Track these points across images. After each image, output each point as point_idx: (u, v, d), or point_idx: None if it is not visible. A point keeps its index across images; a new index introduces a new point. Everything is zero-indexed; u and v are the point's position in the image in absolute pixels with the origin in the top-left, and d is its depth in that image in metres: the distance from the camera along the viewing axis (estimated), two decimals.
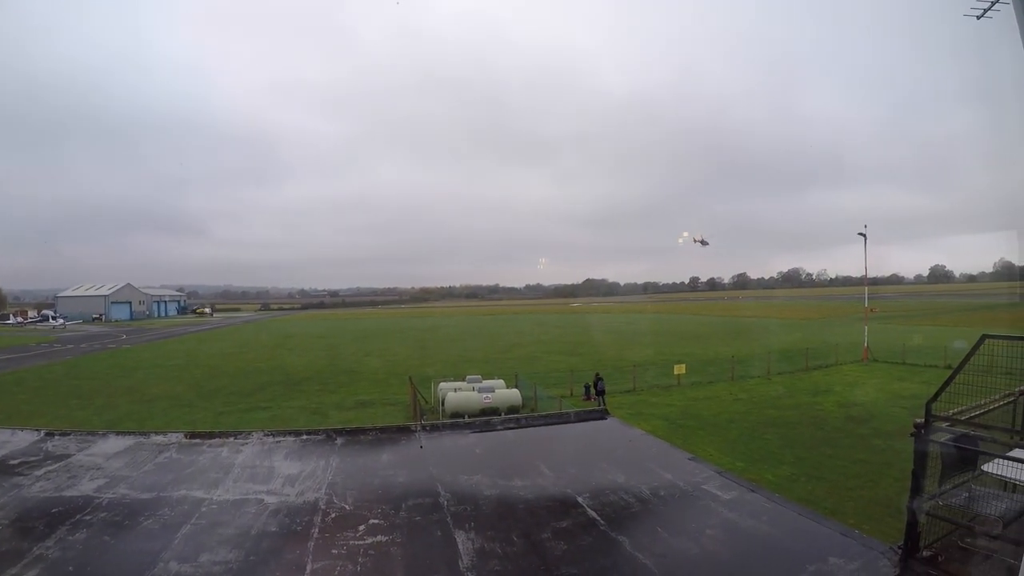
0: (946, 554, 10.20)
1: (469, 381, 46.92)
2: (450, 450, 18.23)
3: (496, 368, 61.22)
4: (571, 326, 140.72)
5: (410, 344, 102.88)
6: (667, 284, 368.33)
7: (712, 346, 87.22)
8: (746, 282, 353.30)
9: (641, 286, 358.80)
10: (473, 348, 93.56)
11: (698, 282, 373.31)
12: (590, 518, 12.77)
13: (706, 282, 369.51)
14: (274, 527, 12.20)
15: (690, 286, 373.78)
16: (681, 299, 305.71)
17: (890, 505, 22.67)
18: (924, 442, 10.45)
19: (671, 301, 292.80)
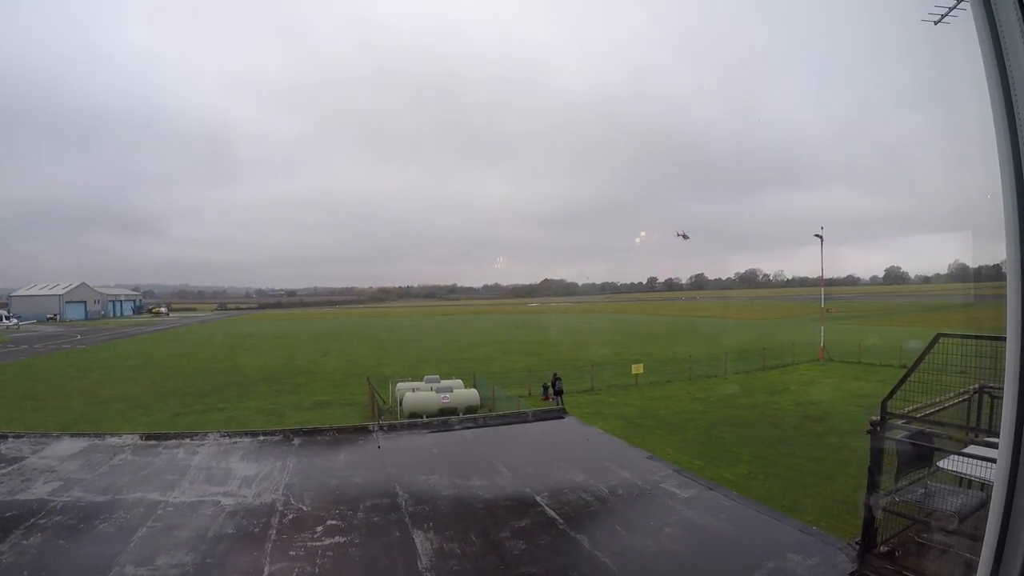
0: (903, 549, 10.27)
1: (427, 381, 46.74)
2: (408, 450, 18.15)
3: (454, 368, 61.09)
4: (529, 326, 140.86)
5: (368, 344, 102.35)
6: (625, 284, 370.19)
7: (669, 346, 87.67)
8: (704, 283, 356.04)
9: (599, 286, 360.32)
10: (431, 348, 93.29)
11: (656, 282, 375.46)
12: (549, 517, 12.74)
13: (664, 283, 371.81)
14: (231, 529, 12.05)
15: (648, 286, 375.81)
16: (639, 299, 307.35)
17: (847, 502, 22.85)
18: (880, 439, 10.51)
19: (629, 301, 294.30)
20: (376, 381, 48.45)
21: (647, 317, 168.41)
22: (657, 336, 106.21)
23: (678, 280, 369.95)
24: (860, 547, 10.47)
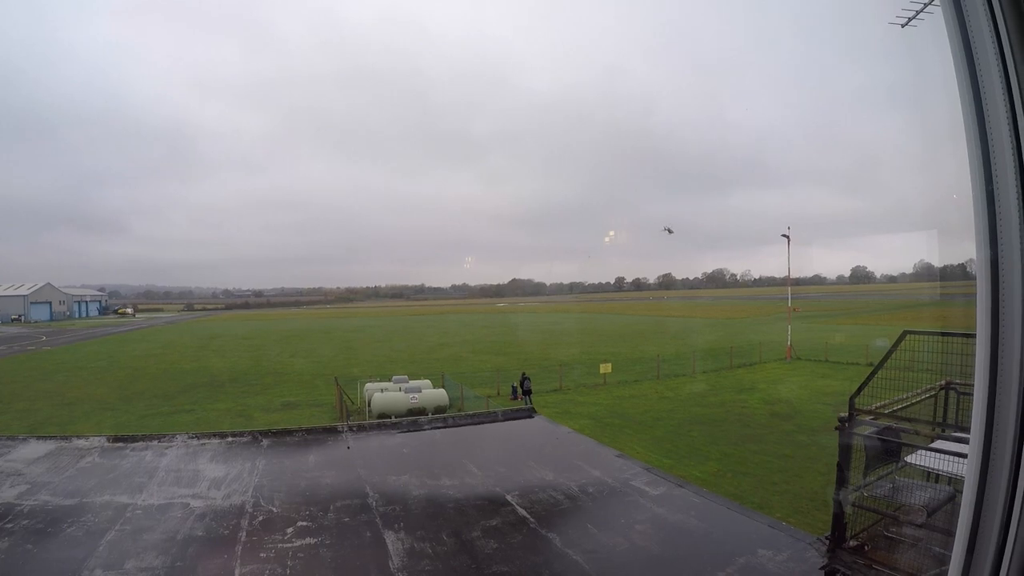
0: (872, 543, 10.38)
1: (395, 381, 46.66)
2: (378, 450, 18.11)
3: (422, 368, 61.09)
4: (497, 326, 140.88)
5: (336, 345, 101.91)
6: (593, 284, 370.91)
7: (638, 345, 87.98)
8: (671, 282, 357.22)
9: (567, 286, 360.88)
10: (399, 348, 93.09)
11: (624, 282, 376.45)
12: (520, 516, 12.76)
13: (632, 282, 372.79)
14: (201, 531, 11.94)
15: (616, 286, 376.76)
16: (607, 299, 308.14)
17: (816, 498, 23.11)
18: (848, 435, 10.62)
19: (597, 301, 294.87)
20: (344, 382, 48.37)
21: (615, 316, 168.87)
22: (625, 335, 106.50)
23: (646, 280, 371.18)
24: (830, 542, 10.57)
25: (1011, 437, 2.05)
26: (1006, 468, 2.07)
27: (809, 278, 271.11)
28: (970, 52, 2.21)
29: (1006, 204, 2.11)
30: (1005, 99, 2.11)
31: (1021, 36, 2.11)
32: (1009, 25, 2.11)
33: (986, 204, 2.17)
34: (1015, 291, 2.05)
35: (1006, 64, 2.11)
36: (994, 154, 2.16)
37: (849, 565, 10.22)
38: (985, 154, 2.17)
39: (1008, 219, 2.10)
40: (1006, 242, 2.07)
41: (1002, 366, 2.09)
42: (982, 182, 2.19)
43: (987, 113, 2.17)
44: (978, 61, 2.18)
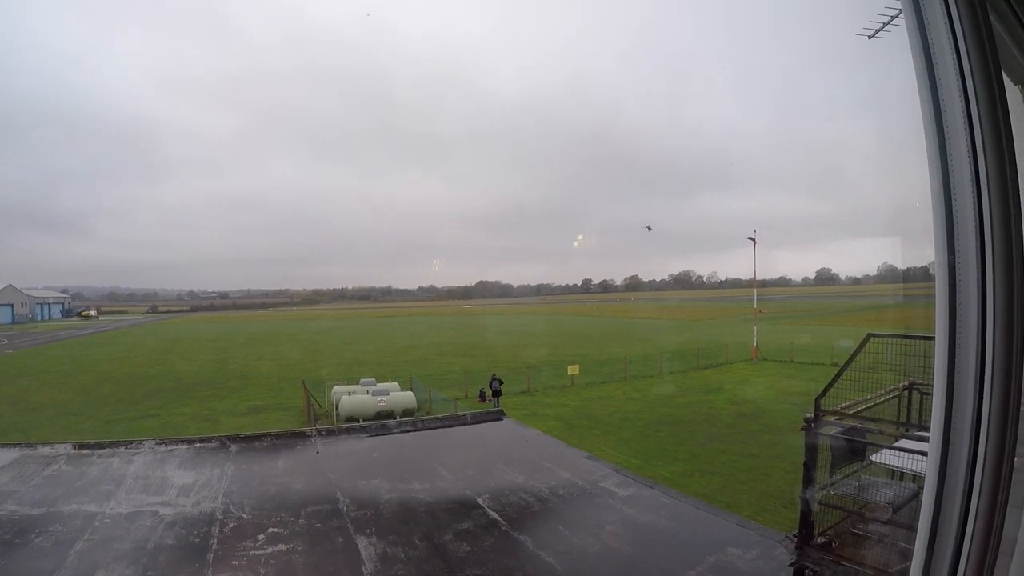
0: (840, 540, 10.55)
1: (363, 384, 46.38)
2: (347, 455, 18.09)
3: (390, 371, 60.72)
4: (465, 328, 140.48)
5: (302, 347, 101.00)
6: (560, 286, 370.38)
7: (605, 347, 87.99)
8: (638, 284, 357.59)
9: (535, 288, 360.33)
10: (366, 351, 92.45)
11: (591, 284, 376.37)
12: (491, 519, 12.82)
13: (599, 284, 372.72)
14: (171, 540, 11.86)
15: (583, 288, 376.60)
16: (574, 301, 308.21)
17: (783, 496, 23.28)
18: (814, 435, 10.77)
19: (564, 303, 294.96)
20: (311, 385, 48.08)
21: (582, 318, 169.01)
22: (592, 337, 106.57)
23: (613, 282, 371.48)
24: (798, 539, 10.72)
25: (968, 435, 2.15)
26: (963, 465, 2.17)
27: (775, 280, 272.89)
28: (931, 66, 2.30)
29: (963, 211, 2.21)
30: (963, 111, 2.21)
31: (980, 53, 2.21)
32: (968, 42, 2.21)
33: (944, 211, 2.26)
34: (971, 295, 2.14)
35: (964, 79, 2.22)
36: (952, 164, 2.25)
37: (817, 561, 10.38)
38: (944, 163, 2.27)
39: (964, 225, 2.19)
40: (963, 248, 2.17)
41: (959, 367, 2.19)
42: (941, 190, 2.29)
43: (946, 125, 2.27)
44: (938, 75, 2.28)
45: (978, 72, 2.22)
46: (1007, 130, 2.24)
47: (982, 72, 2.21)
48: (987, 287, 2.13)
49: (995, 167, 2.18)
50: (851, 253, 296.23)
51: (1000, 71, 2.31)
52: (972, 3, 2.24)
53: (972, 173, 2.20)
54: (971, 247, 2.17)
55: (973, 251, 2.16)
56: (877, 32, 3.26)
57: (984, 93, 2.21)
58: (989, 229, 2.14)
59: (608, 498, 13.94)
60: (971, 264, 2.17)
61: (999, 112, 2.22)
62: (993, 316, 2.13)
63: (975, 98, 2.21)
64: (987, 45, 2.24)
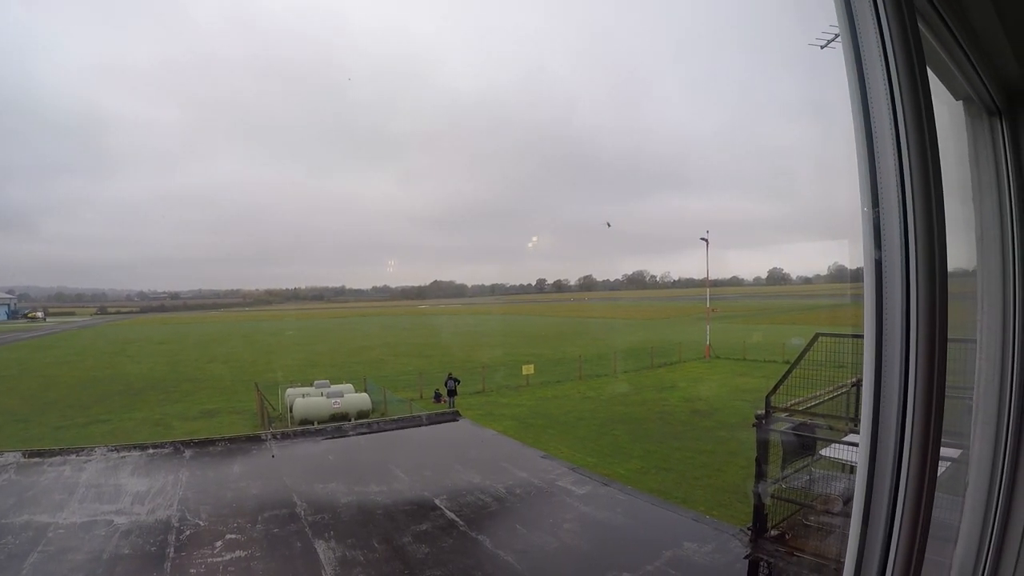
0: (792, 532, 10.79)
1: (317, 386, 46.09)
2: (303, 458, 18.05)
3: (344, 372, 60.32)
4: (419, 328, 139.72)
5: (255, 348, 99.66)
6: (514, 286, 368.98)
7: (560, 346, 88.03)
8: (592, 284, 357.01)
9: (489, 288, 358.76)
10: (320, 352, 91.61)
11: (545, 284, 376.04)
12: (449, 519, 12.89)
13: (553, 284, 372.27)
14: (127, 549, 11.74)
15: (537, 288, 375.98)
16: (529, 300, 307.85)
17: (737, 491, 23.55)
18: (766, 432, 11.00)
19: (519, 302, 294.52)
20: (265, 387, 47.52)
21: (537, 318, 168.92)
22: (547, 337, 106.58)
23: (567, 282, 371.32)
24: (752, 532, 10.95)
25: (894, 425, 2.31)
26: (891, 453, 2.32)
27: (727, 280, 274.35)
28: (863, 79, 2.46)
29: (888, 215, 2.36)
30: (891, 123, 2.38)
31: (909, 71, 2.37)
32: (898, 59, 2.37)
33: (872, 214, 2.42)
34: (896, 294, 2.30)
35: (893, 94, 2.38)
36: (880, 168, 2.40)
37: (771, 553, 10.61)
38: (872, 167, 2.43)
39: (890, 229, 2.35)
40: (888, 251, 2.33)
41: (885, 360, 2.34)
42: (869, 192, 2.45)
43: (874, 130, 2.42)
44: (869, 88, 2.44)
45: (906, 89, 2.38)
46: (932, 139, 2.40)
47: (910, 88, 2.37)
48: (910, 287, 2.29)
49: (919, 173, 2.33)
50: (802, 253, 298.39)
51: (927, 86, 2.47)
52: (903, 22, 2.40)
53: (897, 176, 2.36)
54: (896, 250, 2.33)
55: (898, 254, 2.32)
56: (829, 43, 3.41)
57: (911, 107, 2.37)
58: (913, 232, 2.29)
59: (565, 496, 14.07)
60: (896, 262, 2.32)
61: (924, 124, 2.38)
62: (916, 313, 2.28)
63: (902, 110, 2.37)
64: (916, 63, 2.40)
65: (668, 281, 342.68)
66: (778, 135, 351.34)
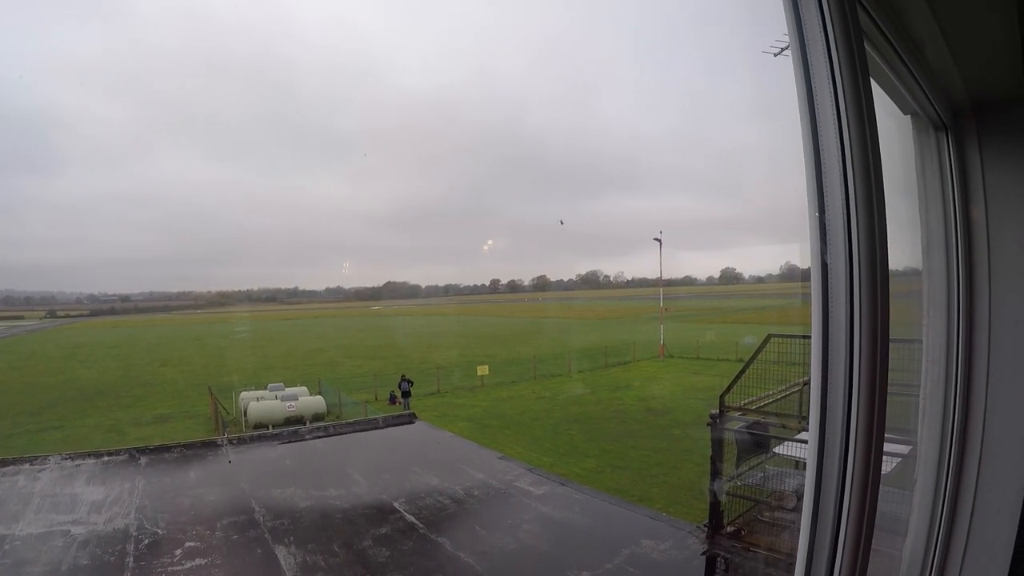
0: (748, 528, 11.01)
1: (271, 390, 45.81)
2: (260, 463, 17.97)
3: (298, 375, 59.89)
4: (373, 329, 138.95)
5: (208, 352, 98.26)
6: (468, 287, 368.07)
7: (514, 347, 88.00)
8: (546, 284, 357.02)
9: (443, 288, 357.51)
10: (274, 355, 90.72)
11: (499, 284, 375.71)
12: (408, 522, 12.93)
13: (507, 284, 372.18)
14: (86, 560, 11.60)
15: (491, 288, 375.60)
16: (483, 301, 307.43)
17: (693, 488, 23.77)
18: (720, 430, 11.22)
19: (473, 303, 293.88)
20: (218, 391, 47.08)
21: (491, 319, 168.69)
22: (501, 337, 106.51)
23: (521, 282, 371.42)
24: (709, 529, 11.15)
25: (840, 424, 2.44)
26: (837, 447, 2.45)
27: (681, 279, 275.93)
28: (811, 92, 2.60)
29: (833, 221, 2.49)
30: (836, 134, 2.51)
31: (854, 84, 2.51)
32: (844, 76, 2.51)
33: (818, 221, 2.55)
34: (840, 297, 2.43)
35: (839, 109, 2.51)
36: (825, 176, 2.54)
37: (728, 549, 10.83)
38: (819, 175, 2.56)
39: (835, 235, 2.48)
40: (833, 256, 2.46)
41: (831, 359, 2.47)
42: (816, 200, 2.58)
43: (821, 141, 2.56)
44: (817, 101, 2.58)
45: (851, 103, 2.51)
46: (875, 151, 2.54)
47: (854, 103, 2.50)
48: (854, 291, 2.42)
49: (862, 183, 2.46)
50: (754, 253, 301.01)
51: (872, 101, 2.61)
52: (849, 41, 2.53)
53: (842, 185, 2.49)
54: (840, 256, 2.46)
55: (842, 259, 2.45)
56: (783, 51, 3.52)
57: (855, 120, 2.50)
58: (856, 239, 2.42)
59: (523, 497, 14.17)
60: (840, 264, 2.45)
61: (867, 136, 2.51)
62: (860, 316, 2.41)
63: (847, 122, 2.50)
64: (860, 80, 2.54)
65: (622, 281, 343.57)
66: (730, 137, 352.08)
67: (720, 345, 65.72)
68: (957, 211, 4.49)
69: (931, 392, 4.52)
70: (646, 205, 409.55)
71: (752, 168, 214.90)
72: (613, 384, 52.80)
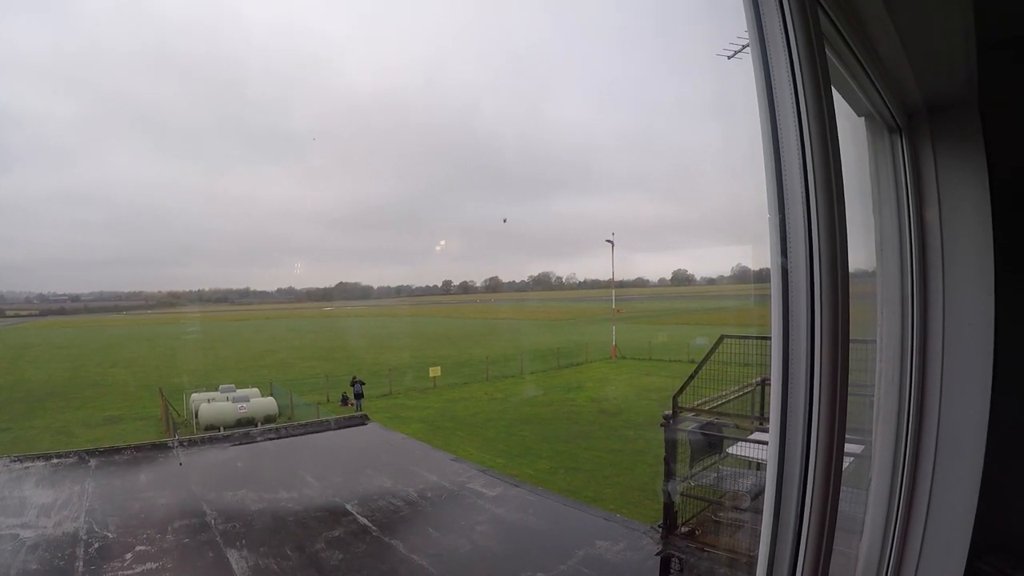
0: (702, 528, 11.10)
1: (222, 391, 45.42)
2: (211, 465, 17.80)
3: (250, 376, 59.34)
4: (325, 331, 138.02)
5: (159, 352, 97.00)
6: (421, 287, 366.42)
7: (467, 348, 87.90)
8: (498, 285, 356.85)
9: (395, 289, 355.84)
10: (225, 356, 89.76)
11: (451, 285, 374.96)
12: (361, 525, 12.87)
13: (459, 285, 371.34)
14: (35, 564, 11.36)
15: (443, 289, 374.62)
16: (435, 302, 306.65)
17: (647, 489, 23.86)
18: (673, 431, 11.29)
19: (425, 304, 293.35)
20: (169, 392, 46.53)
21: (443, 320, 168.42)
22: (453, 338, 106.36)
23: (473, 283, 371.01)
24: (663, 530, 11.23)
25: (801, 422, 2.46)
26: (799, 449, 2.47)
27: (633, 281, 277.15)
28: (771, 96, 2.61)
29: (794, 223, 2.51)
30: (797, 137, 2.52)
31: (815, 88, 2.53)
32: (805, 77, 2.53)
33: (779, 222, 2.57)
34: (801, 298, 2.45)
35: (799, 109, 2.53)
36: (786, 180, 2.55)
37: (682, 549, 10.92)
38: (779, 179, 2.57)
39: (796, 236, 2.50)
40: (794, 256, 2.48)
41: (792, 361, 2.49)
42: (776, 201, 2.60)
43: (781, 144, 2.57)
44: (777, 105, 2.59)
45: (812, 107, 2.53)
46: (835, 154, 2.56)
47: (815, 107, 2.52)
48: (815, 291, 2.44)
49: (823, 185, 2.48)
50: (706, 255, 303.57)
51: (832, 104, 2.63)
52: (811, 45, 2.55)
53: (803, 187, 2.51)
54: (801, 256, 2.48)
55: (803, 257, 2.47)
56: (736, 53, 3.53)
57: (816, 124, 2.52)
58: (817, 240, 2.45)
59: (476, 499, 14.17)
60: (801, 268, 2.47)
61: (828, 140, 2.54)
62: (820, 316, 2.43)
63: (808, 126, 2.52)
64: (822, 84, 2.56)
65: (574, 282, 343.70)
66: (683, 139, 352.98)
67: (672, 346, 66.07)
68: (911, 212, 4.57)
69: (886, 392, 4.59)
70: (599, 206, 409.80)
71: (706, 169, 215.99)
72: (566, 385, 52.91)
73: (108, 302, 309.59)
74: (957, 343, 4.50)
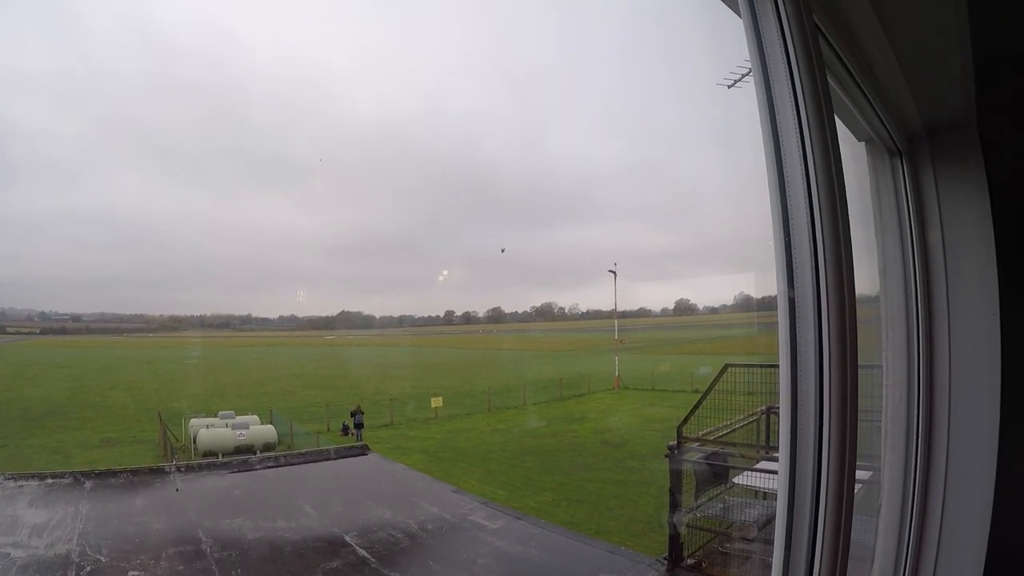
0: (709, 559, 10.98)
1: (222, 417, 45.35)
2: (208, 492, 17.66)
3: (250, 403, 59.12)
4: (327, 359, 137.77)
5: (159, 376, 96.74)
6: (423, 317, 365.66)
7: (469, 378, 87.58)
8: (501, 316, 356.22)
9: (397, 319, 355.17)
10: (225, 382, 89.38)
11: (453, 315, 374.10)
12: (360, 556, 12.72)
13: (461, 315, 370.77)
14: None
15: (446, 319, 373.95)
16: (437, 332, 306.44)
17: (651, 521, 23.68)
18: (678, 462, 11.20)
19: (427, 334, 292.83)
20: (168, 417, 46.36)
21: (446, 350, 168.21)
22: (456, 369, 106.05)
23: (475, 313, 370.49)
24: (668, 562, 11.10)
25: (811, 450, 2.40)
26: (809, 477, 2.42)
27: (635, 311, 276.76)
28: (775, 124, 2.57)
29: (800, 251, 2.47)
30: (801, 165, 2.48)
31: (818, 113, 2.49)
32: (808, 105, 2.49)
33: (784, 251, 2.52)
34: (809, 326, 2.40)
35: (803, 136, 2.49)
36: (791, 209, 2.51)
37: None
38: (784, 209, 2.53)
39: (802, 265, 2.46)
40: (800, 285, 2.43)
41: (801, 390, 2.44)
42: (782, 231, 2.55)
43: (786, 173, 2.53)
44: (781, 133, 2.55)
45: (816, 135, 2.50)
46: (839, 181, 2.53)
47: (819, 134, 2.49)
48: (822, 319, 2.39)
49: (828, 213, 2.44)
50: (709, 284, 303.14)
51: (835, 132, 2.60)
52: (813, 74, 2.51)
53: (808, 216, 2.47)
54: (808, 285, 2.43)
55: (810, 289, 2.42)
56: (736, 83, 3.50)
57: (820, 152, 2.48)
58: (824, 268, 2.40)
59: (477, 531, 14.03)
60: (808, 300, 2.42)
61: (832, 168, 2.50)
62: (828, 344, 2.38)
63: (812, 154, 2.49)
64: (824, 112, 2.53)
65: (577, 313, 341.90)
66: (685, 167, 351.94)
67: (675, 376, 65.86)
68: (913, 235, 4.55)
69: (893, 416, 4.54)
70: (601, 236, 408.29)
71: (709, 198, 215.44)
72: (568, 416, 52.75)
73: (110, 323, 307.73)
74: (963, 364, 4.46)
